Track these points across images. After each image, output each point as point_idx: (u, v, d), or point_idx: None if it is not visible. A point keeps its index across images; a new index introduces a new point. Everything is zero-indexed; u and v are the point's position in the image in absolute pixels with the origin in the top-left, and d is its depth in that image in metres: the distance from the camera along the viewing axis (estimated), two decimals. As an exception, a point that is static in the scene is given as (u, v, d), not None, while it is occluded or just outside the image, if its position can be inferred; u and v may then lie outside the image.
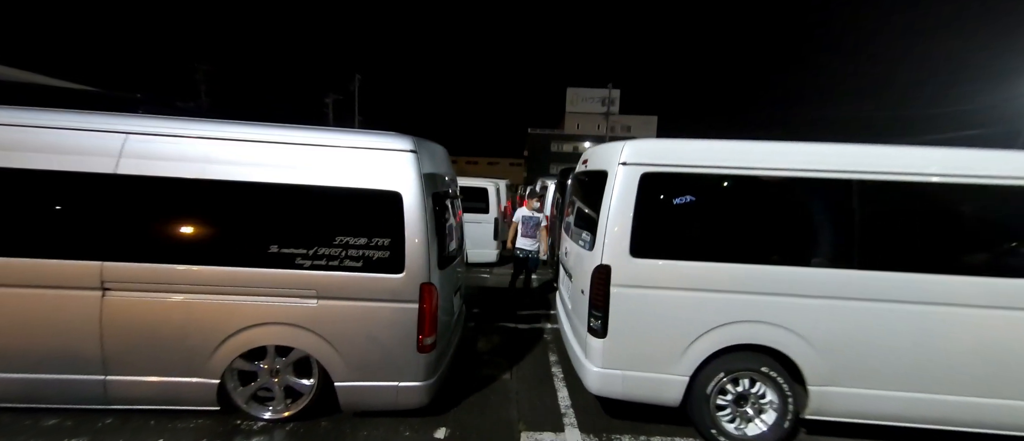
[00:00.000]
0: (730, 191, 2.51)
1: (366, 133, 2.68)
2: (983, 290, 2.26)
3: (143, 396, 2.52)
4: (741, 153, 2.49)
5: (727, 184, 2.50)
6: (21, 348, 2.41)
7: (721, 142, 2.56)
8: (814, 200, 2.47)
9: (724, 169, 2.47)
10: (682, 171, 2.49)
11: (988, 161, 2.35)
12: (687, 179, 2.50)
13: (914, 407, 2.36)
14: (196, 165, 2.48)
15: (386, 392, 2.58)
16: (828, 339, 2.35)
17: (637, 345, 2.47)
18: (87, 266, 2.40)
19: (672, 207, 2.52)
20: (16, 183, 2.39)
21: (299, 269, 2.47)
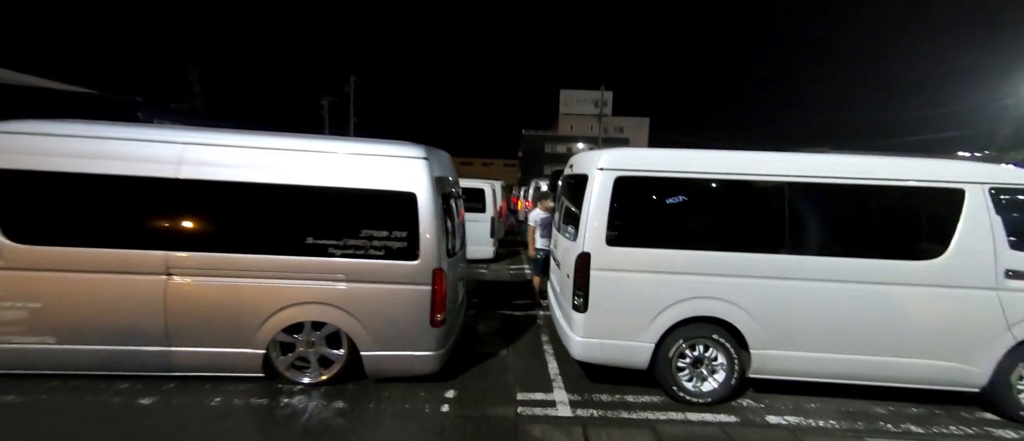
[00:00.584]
0: (688, 191, 3.06)
1: (385, 143, 3.18)
2: (879, 270, 2.83)
3: (199, 364, 2.99)
4: (697, 160, 3.03)
5: (685, 185, 3.04)
6: (100, 324, 2.87)
7: (682, 151, 3.11)
8: (754, 198, 3.03)
9: (683, 173, 3.02)
10: (649, 175, 3.03)
11: (882, 166, 2.93)
12: (653, 182, 3.04)
13: (832, 366, 2.92)
14: (243, 170, 2.96)
15: (404, 360, 3.08)
16: (766, 311, 2.91)
17: (612, 318, 3.00)
18: (154, 255, 2.87)
19: (641, 204, 3.06)
20: (97, 186, 2.85)
21: (331, 257, 2.96)
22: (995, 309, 2.81)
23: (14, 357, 2.86)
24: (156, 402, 2.76)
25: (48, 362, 2.90)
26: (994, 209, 2.83)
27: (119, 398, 2.78)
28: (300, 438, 2.49)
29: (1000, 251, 2.81)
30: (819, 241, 2.93)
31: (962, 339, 2.84)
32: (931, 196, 2.89)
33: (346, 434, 2.54)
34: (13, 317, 2.81)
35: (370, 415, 2.75)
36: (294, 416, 2.69)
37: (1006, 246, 2.81)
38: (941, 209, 2.87)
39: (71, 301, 2.84)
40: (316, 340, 3.07)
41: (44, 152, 2.86)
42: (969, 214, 2.83)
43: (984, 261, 2.81)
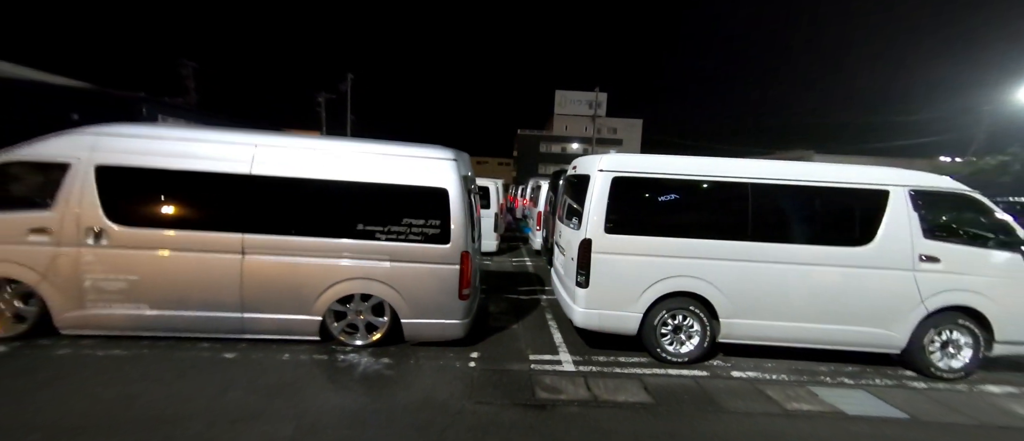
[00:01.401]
0: (671, 189, 3.74)
1: (421, 147, 3.80)
2: (822, 254, 3.54)
3: (267, 328, 3.60)
4: (679, 164, 3.72)
5: (670, 184, 3.73)
6: (186, 293, 3.46)
7: (667, 156, 3.79)
8: (724, 196, 3.71)
9: (668, 175, 3.70)
10: (640, 176, 3.70)
11: (824, 170, 3.66)
12: (644, 181, 3.72)
13: (784, 331, 3.63)
14: (305, 168, 3.57)
15: (437, 327, 3.72)
16: (732, 287, 3.60)
17: (608, 293, 3.67)
18: (232, 237, 3.47)
19: (633, 199, 3.73)
20: (186, 179, 3.44)
21: (377, 240, 3.59)
22: (912, 286, 3.54)
23: (117, 321, 3.44)
24: (237, 356, 3.36)
25: (142, 325, 3.48)
26: (912, 207, 3.56)
27: (207, 353, 3.38)
28: (360, 382, 3.12)
29: (916, 240, 3.53)
30: (775, 230, 3.63)
31: (886, 310, 3.57)
32: (863, 195, 3.61)
33: (395, 381, 3.17)
34: (116, 287, 3.39)
35: (412, 368, 3.38)
36: (351, 368, 3.32)
37: (921, 236, 3.54)
38: (870, 206, 3.59)
39: (163, 274, 3.43)
40: (364, 309, 3.69)
41: (141, 151, 3.44)
42: (892, 210, 3.56)
43: (904, 248, 3.53)
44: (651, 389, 3.24)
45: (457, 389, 3.09)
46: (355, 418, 2.65)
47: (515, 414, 2.79)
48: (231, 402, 2.71)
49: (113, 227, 3.36)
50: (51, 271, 3.33)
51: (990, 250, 3.57)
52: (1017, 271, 3.53)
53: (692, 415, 2.90)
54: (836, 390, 3.36)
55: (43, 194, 3.37)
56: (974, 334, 3.57)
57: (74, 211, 3.32)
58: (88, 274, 3.36)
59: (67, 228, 3.32)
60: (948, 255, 3.54)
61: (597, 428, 2.68)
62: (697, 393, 3.22)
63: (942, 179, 3.68)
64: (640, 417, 2.84)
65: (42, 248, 3.31)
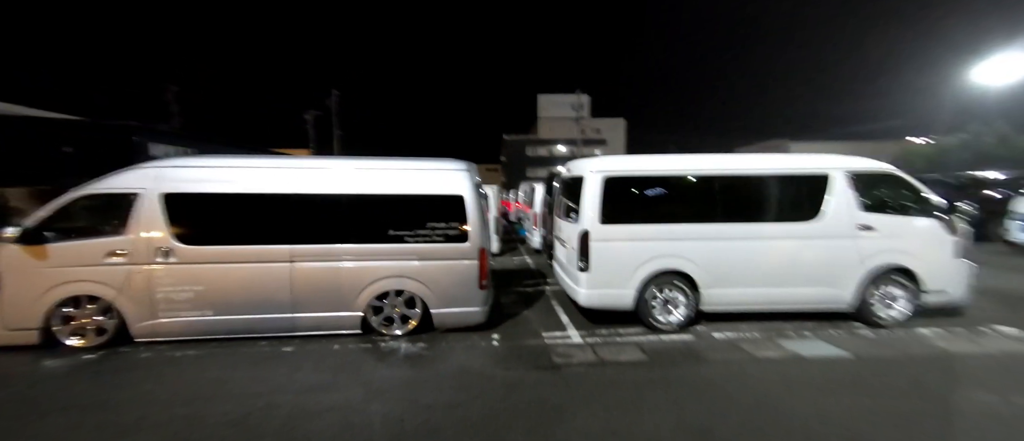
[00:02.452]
0: (652, 184, 4.43)
1: (439, 160, 4.43)
2: (779, 230, 4.27)
3: (316, 325, 4.15)
4: (658, 163, 4.42)
5: (651, 180, 4.42)
6: (245, 299, 4.00)
7: (648, 157, 4.48)
8: (697, 187, 4.41)
9: (649, 172, 4.39)
10: (626, 175, 4.38)
11: (777, 161, 4.40)
12: (630, 179, 4.40)
13: (753, 297, 4.34)
14: (340, 185, 4.15)
15: (461, 314, 4.32)
16: (708, 262, 4.29)
17: (606, 274, 4.32)
18: (282, 248, 4.03)
19: (622, 194, 4.40)
20: (238, 200, 3.99)
21: (407, 243, 4.18)
22: (853, 252, 4.28)
23: (185, 327, 3.96)
24: (295, 349, 3.91)
25: (207, 329, 4.01)
26: (849, 186, 4.31)
27: (268, 348, 3.92)
28: (404, 360, 3.70)
29: (854, 213, 4.28)
30: (740, 213, 4.34)
31: (834, 272, 4.30)
32: (809, 180, 4.35)
33: (434, 358, 3.76)
34: (185, 297, 3.92)
35: (445, 349, 3.97)
36: (395, 351, 3.90)
37: (858, 209, 4.29)
38: (816, 187, 4.33)
39: (225, 284, 3.97)
40: (398, 303, 4.27)
41: (198, 179, 3.99)
42: (834, 190, 4.30)
43: (845, 220, 4.28)
44: (646, 350, 3.90)
45: (486, 361, 3.69)
46: (408, 383, 3.23)
47: (537, 375, 3.41)
48: (304, 379, 3.27)
49: (179, 246, 3.89)
50: (126, 287, 3.84)
51: (913, 217, 4.35)
52: (936, 233, 4.32)
53: (680, 365, 3.56)
54: (797, 341, 4.06)
55: (116, 221, 3.89)
56: (906, 287, 4.33)
57: (144, 234, 3.85)
58: (159, 288, 3.88)
59: (139, 249, 3.85)
60: (881, 224, 4.30)
61: (603, 380, 3.32)
62: (684, 350, 3.89)
63: (872, 162, 4.45)
64: (638, 370, 3.49)
65: (119, 267, 3.83)
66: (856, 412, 2.78)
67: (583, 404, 2.92)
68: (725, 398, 2.99)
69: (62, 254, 3.77)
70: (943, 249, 4.33)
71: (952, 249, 4.34)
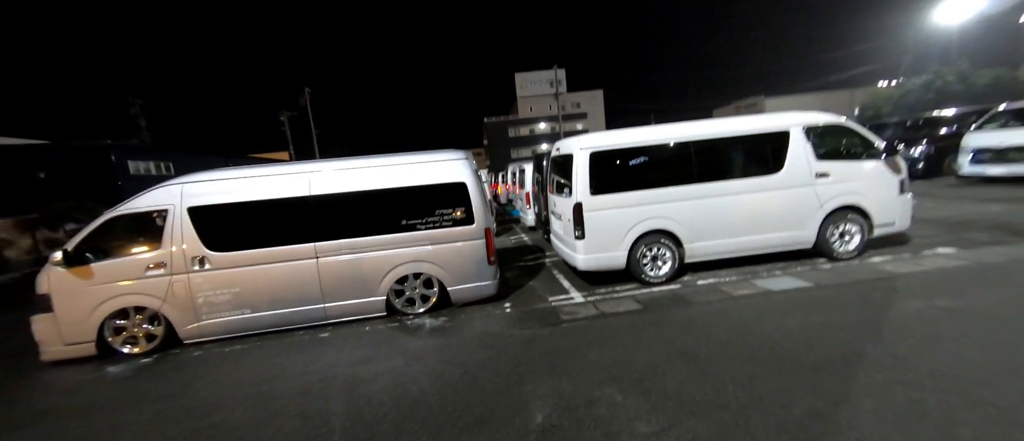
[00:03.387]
0: (636, 154, 4.91)
1: (440, 152, 4.81)
2: (747, 184, 4.82)
3: (345, 312, 4.59)
4: (638, 135, 4.89)
5: (632, 151, 4.90)
6: (278, 295, 4.40)
7: (629, 130, 4.95)
8: (673, 153, 4.91)
9: (630, 144, 4.87)
10: (611, 148, 4.85)
11: (742, 123, 4.92)
12: (614, 152, 4.87)
13: (728, 245, 4.93)
14: (352, 183, 4.52)
15: (474, 289, 4.81)
16: (689, 219, 4.84)
17: (600, 240, 4.85)
18: (307, 246, 4.42)
19: (608, 167, 4.87)
20: (261, 206, 4.34)
21: (419, 230, 4.61)
22: (813, 197, 4.88)
23: (227, 326, 4.37)
24: (331, 335, 4.37)
25: (247, 326, 4.42)
26: (806, 139, 4.87)
27: (307, 337, 4.36)
28: (432, 332, 4.20)
29: (811, 162, 4.86)
30: (714, 173, 4.87)
31: (797, 217, 4.91)
32: (771, 137, 4.89)
33: (457, 327, 4.26)
34: (224, 300, 4.31)
35: (465, 320, 4.48)
36: (420, 327, 4.38)
37: (814, 159, 4.86)
38: (778, 144, 4.88)
39: (258, 283, 4.36)
40: (417, 285, 4.73)
41: (219, 191, 4.32)
42: (793, 144, 4.86)
43: (804, 170, 4.85)
44: (640, 301, 4.47)
45: (503, 324, 4.22)
46: (440, 349, 3.74)
47: (549, 330, 3.95)
48: (349, 356, 3.74)
49: (212, 253, 4.25)
50: (169, 295, 4.20)
51: (862, 161, 4.96)
52: (881, 173, 4.94)
53: (669, 309, 4.15)
54: (768, 279, 4.68)
55: (152, 237, 4.22)
56: (859, 224, 4.97)
57: (179, 246, 4.19)
58: (199, 293, 4.25)
59: (176, 260, 4.20)
60: (835, 169, 4.89)
61: (606, 327, 3.87)
62: (673, 297, 4.47)
63: (823, 115, 5.01)
64: (634, 316, 4.06)
65: (160, 279, 4.18)
66: (811, 325, 3.39)
67: (591, 346, 3.47)
68: (706, 328, 3.58)
69: (106, 271, 4.10)
70: (889, 187, 4.97)
71: (897, 186, 4.97)
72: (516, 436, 2.37)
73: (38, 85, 29.80)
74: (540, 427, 2.42)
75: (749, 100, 56.68)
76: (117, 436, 2.82)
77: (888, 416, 2.21)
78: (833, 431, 2.14)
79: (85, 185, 17.62)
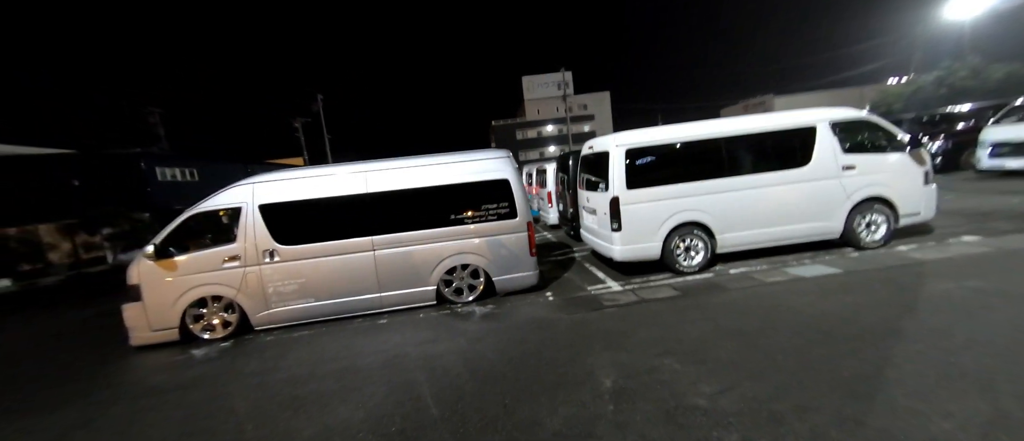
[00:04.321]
0: (669, 150, 5.19)
1: (484, 151, 5.15)
2: (777, 177, 5.07)
3: (399, 301, 4.93)
4: (669, 132, 5.17)
5: (665, 148, 5.18)
6: (339, 285, 4.75)
7: (661, 127, 5.23)
8: (705, 148, 5.18)
9: (665, 140, 5.15)
10: (645, 145, 5.14)
11: (771, 119, 5.17)
12: (648, 148, 5.15)
13: (759, 236, 5.17)
14: (405, 181, 4.87)
15: (517, 279, 5.12)
16: (720, 211, 5.10)
17: (636, 232, 5.12)
18: (365, 240, 4.77)
19: (643, 162, 5.16)
20: (324, 203, 4.70)
21: (467, 224, 4.94)
22: (839, 189, 5.11)
23: (293, 313, 4.73)
24: (389, 321, 4.70)
25: (311, 314, 4.77)
26: (832, 133, 5.11)
27: (366, 323, 4.70)
28: (483, 318, 4.51)
29: (838, 156, 5.10)
30: (744, 167, 5.13)
31: (825, 208, 5.14)
32: (799, 132, 5.14)
33: (506, 314, 4.56)
34: (290, 289, 4.67)
35: (512, 308, 4.78)
36: (471, 314, 4.70)
37: (841, 152, 5.10)
38: (805, 138, 5.13)
39: (322, 274, 4.72)
40: (465, 276, 5.05)
41: (285, 190, 4.69)
42: (820, 139, 5.10)
43: (831, 163, 5.09)
44: (677, 288, 4.74)
45: (549, 310, 4.51)
46: (496, 331, 4.05)
47: (595, 314, 4.24)
48: (413, 338, 4.07)
49: (281, 247, 4.62)
50: (243, 285, 4.58)
51: (887, 153, 5.18)
52: (906, 165, 5.16)
53: (707, 294, 4.41)
54: (798, 267, 4.92)
55: (228, 231, 4.60)
56: (885, 214, 5.19)
57: (252, 240, 4.57)
58: (269, 283, 4.62)
59: (249, 253, 4.57)
60: (861, 162, 5.12)
61: (649, 310, 4.15)
62: (708, 284, 4.73)
63: (849, 110, 5.25)
64: (674, 301, 4.33)
65: (235, 270, 4.56)
66: (846, 305, 3.64)
67: (639, 326, 3.75)
68: (747, 310, 3.84)
69: (189, 264, 4.48)
70: (914, 178, 5.19)
71: (921, 177, 5.19)
72: (591, 395, 2.66)
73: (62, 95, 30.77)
74: (611, 389, 2.71)
75: (757, 99, 56.46)
76: (231, 402, 3.17)
77: (930, 376, 2.47)
78: (881, 388, 2.40)
79: (117, 191, 18.33)
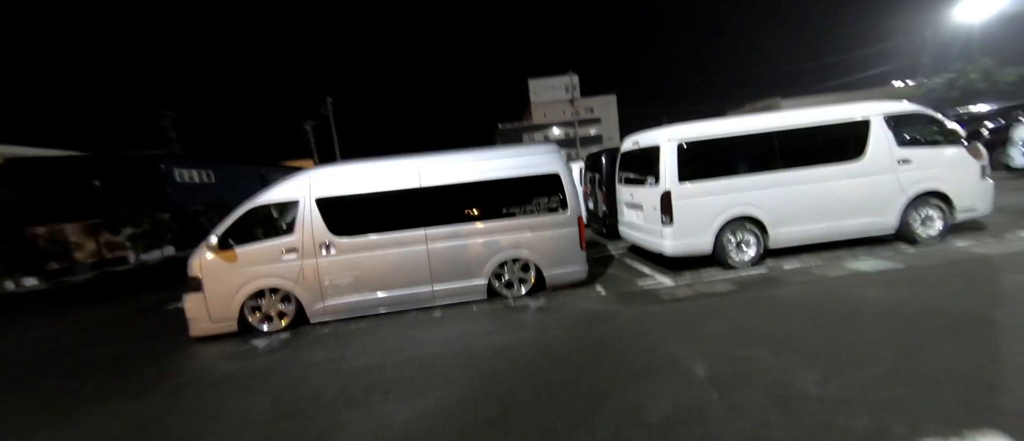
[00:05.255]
0: (721, 144, 5.15)
1: (535, 146, 5.15)
2: (830, 171, 5.02)
3: (450, 294, 4.92)
4: (721, 126, 5.15)
5: (717, 141, 5.15)
6: (394, 278, 4.75)
7: (712, 121, 5.20)
8: (757, 142, 5.14)
9: (716, 134, 5.12)
10: (697, 139, 5.11)
11: (824, 112, 5.13)
12: (700, 143, 5.12)
13: (812, 231, 5.12)
14: (457, 175, 4.87)
15: (568, 273, 5.09)
16: (773, 206, 5.05)
17: (688, 226, 5.09)
18: (418, 233, 4.77)
19: (694, 156, 5.12)
20: (379, 197, 4.72)
21: (519, 218, 4.93)
22: (895, 183, 5.05)
23: (348, 306, 4.73)
24: (443, 315, 4.68)
25: (366, 306, 4.78)
26: (887, 127, 5.06)
27: (422, 316, 4.69)
28: (539, 311, 4.48)
29: (893, 149, 5.04)
30: (796, 160, 5.08)
31: (879, 202, 5.08)
32: (853, 125, 5.09)
33: (560, 307, 4.53)
34: (346, 282, 4.67)
35: (564, 302, 4.75)
36: (525, 307, 4.68)
37: (895, 146, 5.05)
38: (859, 132, 5.08)
39: (376, 266, 4.72)
40: (516, 269, 5.04)
41: (342, 184, 4.70)
42: (874, 132, 5.05)
43: (886, 157, 5.04)
44: (734, 282, 4.69)
45: (606, 304, 4.48)
46: (558, 322, 4.02)
47: (655, 307, 4.20)
48: (474, 329, 4.05)
49: (338, 239, 4.63)
50: (300, 277, 4.59)
51: (943, 148, 5.12)
52: (962, 159, 5.09)
53: (767, 288, 4.36)
54: (855, 262, 4.85)
55: (286, 224, 4.62)
56: (941, 208, 5.12)
57: (309, 233, 4.58)
58: (325, 276, 4.63)
59: (306, 245, 4.59)
60: (916, 156, 5.07)
61: (711, 304, 4.11)
62: (765, 279, 4.68)
63: (903, 104, 5.20)
64: (734, 296, 4.28)
65: (293, 263, 4.57)
66: (922, 298, 3.58)
67: (708, 319, 3.71)
68: (816, 303, 3.79)
69: (249, 256, 4.51)
70: (970, 172, 5.12)
71: (978, 171, 5.12)
72: (688, 382, 2.63)
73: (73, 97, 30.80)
74: (707, 377, 2.68)
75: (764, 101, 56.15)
76: (314, 387, 3.16)
77: (1041, 364, 2.41)
78: (1002, 377, 2.35)
79: (136, 192, 18.57)
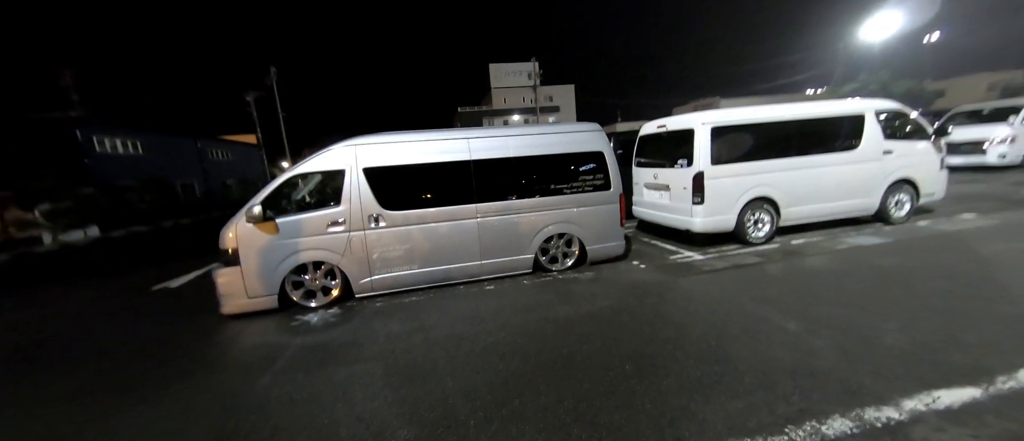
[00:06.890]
0: (748, 130, 5.59)
1: (580, 124, 5.20)
2: (832, 158, 5.69)
3: (498, 268, 4.90)
4: (750, 113, 5.58)
5: (745, 127, 5.57)
6: (443, 252, 4.62)
7: (742, 108, 5.61)
8: (779, 129, 5.66)
9: (745, 121, 5.54)
10: (728, 124, 5.49)
11: (826, 106, 5.77)
12: (730, 127, 5.51)
13: (814, 211, 5.79)
14: (505, 150, 4.81)
15: (608, 248, 5.29)
16: (786, 188, 5.62)
17: (715, 205, 5.49)
18: (469, 207, 4.66)
19: (726, 140, 5.51)
20: (431, 169, 4.52)
21: (565, 194, 5.00)
22: (880, 170, 5.85)
23: (396, 280, 4.53)
24: (494, 288, 4.66)
25: (415, 280, 4.61)
26: (877, 121, 5.81)
27: (474, 289, 4.63)
28: (588, 282, 4.63)
29: (880, 141, 5.81)
30: (808, 148, 5.68)
31: (868, 186, 5.86)
32: (850, 119, 5.78)
33: (607, 280, 4.71)
34: (395, 255, 4.46)
35: (608, 275, 4.94)
36: (574, 280, 4.80)
37: (882, 138, 5.83)
38: (857, 124, 5.78)
39: (427, 241, 4.55)
40: (561, 244, 5.13)
41: (390, 154, 4.44)
42: (868, 125, 5.78)
43: (875, 147, 5.80)
44: (758, 254, 5.19)
45: (650, 276, 4.74)
46: (609, 293, 4.20)
47: (701, 276, 4.54)
48: (528, 301, 4.10)
49: (386, 211, 4.39)
50: (347, 251, 4.30)
51: (915, 141, 6.00)
52: (929, 152, 6.01)
53: (791, 259, 4.89)
54: (850, 238, 5.58)
55: (331, 195, 4.27)
56: (910, 194, 6.02)
57: (357, 204, 4.29)
58: (374, 249, 4.38)
59: (354, 217, 4.29)
60: (896, 147, 5.89)
61: (751, 274, 4.52)
62: (786, 251, 5.23)
63: (890, 102, 5.99)
64: (760, 265, 4.75)
65: (339, 235, 4.26)
66: (916, 262, 4.26)
67: (761, 284, 4.10)
68: (846, 269, 4.34)
69: (292, 228, 4.12)
70: (934, 163, 6.06)
71: (939, 162, 6.08)
72: (788, 335, 2.93)
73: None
74: (802, 330, 3.00)
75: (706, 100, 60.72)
76: (414, 356, 3.03)
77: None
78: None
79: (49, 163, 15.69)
